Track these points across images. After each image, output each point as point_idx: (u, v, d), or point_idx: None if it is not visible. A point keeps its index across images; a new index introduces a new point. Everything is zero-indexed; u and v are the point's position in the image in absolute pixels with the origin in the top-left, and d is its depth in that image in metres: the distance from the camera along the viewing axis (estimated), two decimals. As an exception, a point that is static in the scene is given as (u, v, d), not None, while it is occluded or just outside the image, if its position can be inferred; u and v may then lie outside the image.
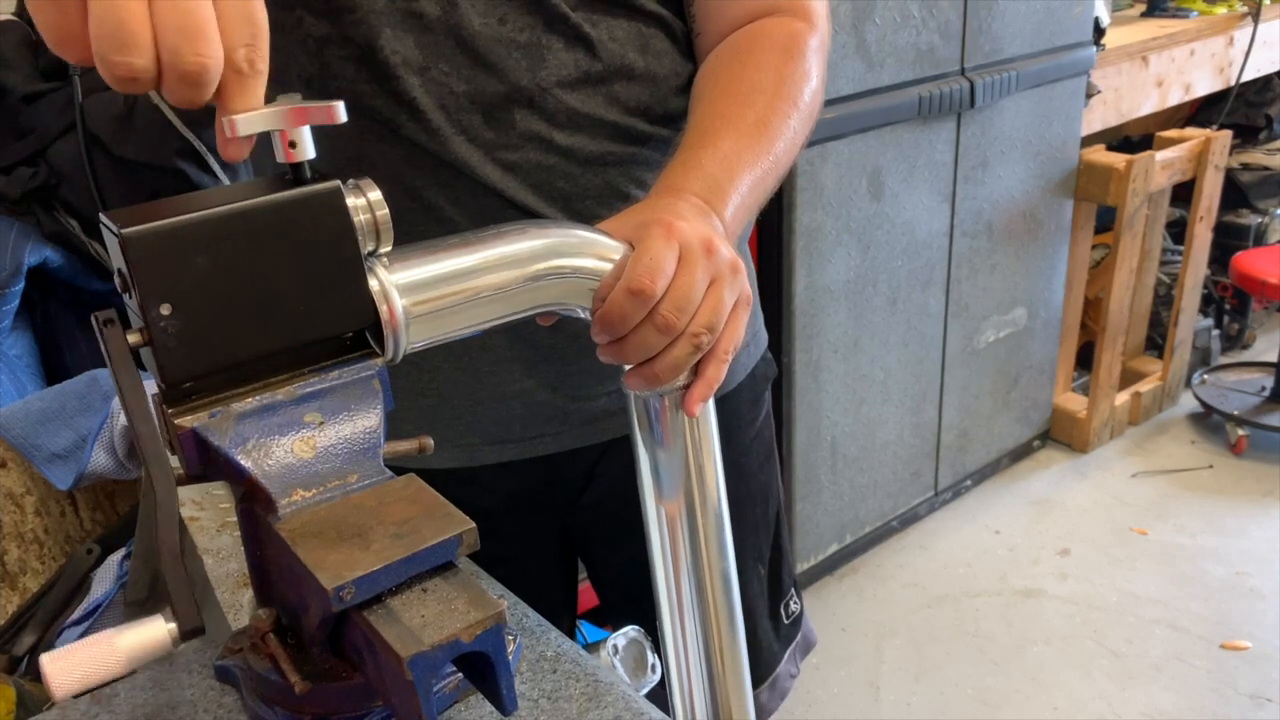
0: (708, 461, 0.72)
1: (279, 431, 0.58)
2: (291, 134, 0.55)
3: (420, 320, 0.57)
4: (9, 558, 1.12)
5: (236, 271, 0.56)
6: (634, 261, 0.61)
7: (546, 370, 0.88)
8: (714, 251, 0.63)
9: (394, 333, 0.56)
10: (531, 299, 0.61)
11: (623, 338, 0.63)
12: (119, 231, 0.53)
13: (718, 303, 0.63)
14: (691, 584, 0.73)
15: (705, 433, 0.71)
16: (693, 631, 0.75)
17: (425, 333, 0.57)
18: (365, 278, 0.61)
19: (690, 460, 0.71)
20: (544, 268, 0.60)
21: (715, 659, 0.75)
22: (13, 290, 1.26)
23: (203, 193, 0.58)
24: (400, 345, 0.57)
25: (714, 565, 0.73)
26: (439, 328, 0.58)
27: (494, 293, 0.59)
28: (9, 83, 1.33)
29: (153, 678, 0.69)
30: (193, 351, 0.56)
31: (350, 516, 0.54)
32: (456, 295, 0.58)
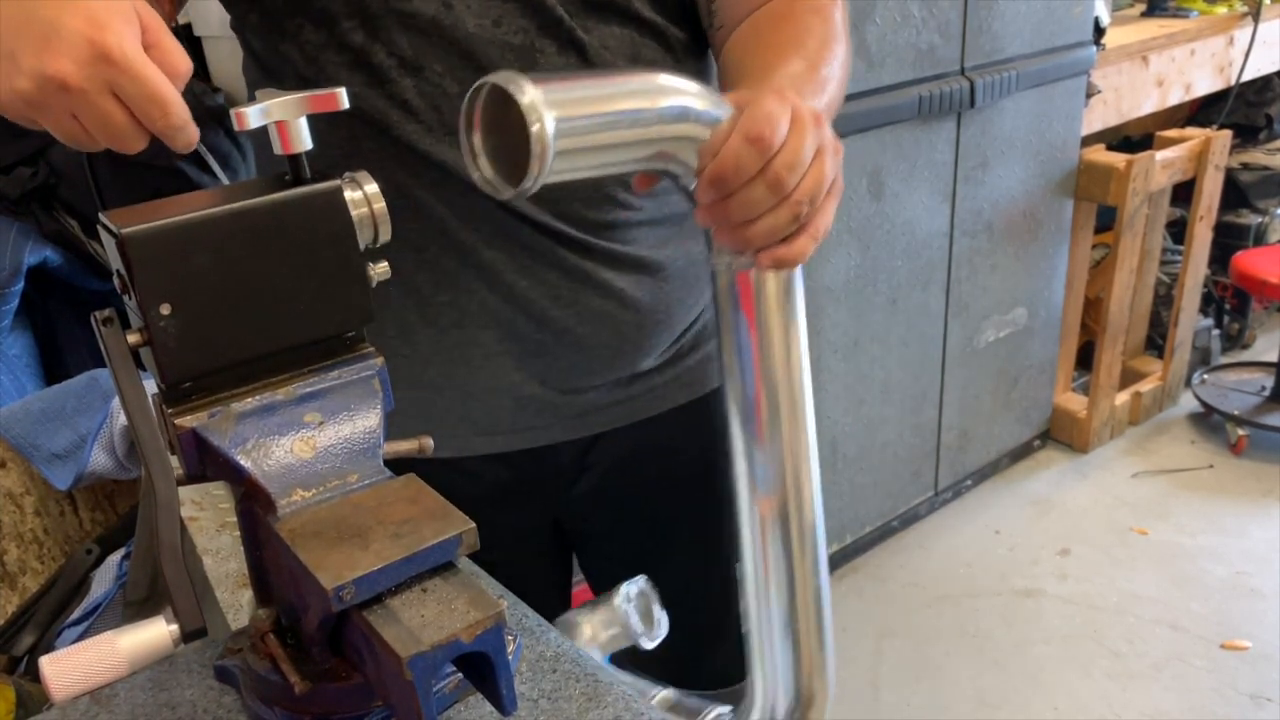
0: (794, 343, 0.69)
1: (279, 431, 0.58)
2: (290, 125, 0.55)
3: (564, 142, 0.55)
4: (9, 558, 1.12)
5: (236, 271, 0.56)
6: (751, 113, 0.60)
7: (535, 364, 0.88)
8: (822, 123, 0.63)
9: (541, 154, 0.54)
10: (655, 137, 0.60)
11: (728, 196, 0.62)
12: (118, 231, 0.53)
13: (821, 173, 0.63)
14: (774, 467, 0.71)
15: (794, 313, 0.69)
16: (775, 532, 0.72)
17: (563, 164, 0.56)
18: (366, 277, 0.61)
19: (775, 347, 0.69)
20: (672, 104, 0.59)
21: (795, 564, 0.72)
22: (13, 290, 1.26)
23: (203, 193, 0.58)
24: (545, 168, 0.54)
25: (800, 450, 0.71)
26: (576, 161, 0.56)
27: (628, 121, 0.57)
28: (9, 83, 1.33)
29: (153, 678, 0.69)
30: (193, 351, 0.56)
31: (350, 516, 0.54)
32: (597, 124, 0.56)
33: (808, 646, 0.69)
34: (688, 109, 0.59)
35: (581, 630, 0.83)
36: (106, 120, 0.55)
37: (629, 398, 0.95)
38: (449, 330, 0.86)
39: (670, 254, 0.89)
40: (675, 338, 0.94)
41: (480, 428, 0.92)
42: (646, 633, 0.81)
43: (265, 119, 0.54)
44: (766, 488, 0.70)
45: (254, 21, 0.82)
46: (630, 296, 0.87)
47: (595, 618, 0.84)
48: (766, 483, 0.70)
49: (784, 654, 0.69)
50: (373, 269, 0.62)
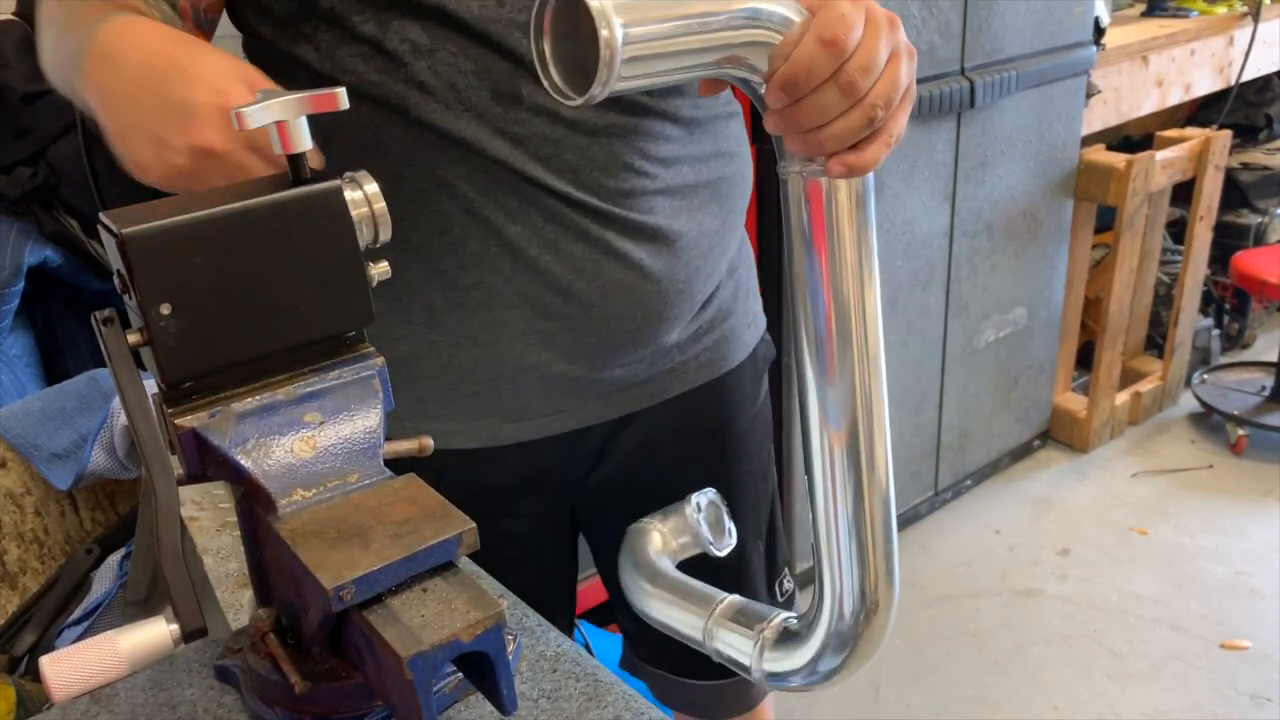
0: (868, 256, 0.67)
1: (279, 431, 0.58)
2: (290, 125, 0.55)
3: (632, 49, 0.54)
4: (9, 558, 1.12)
5: (236, 271, 0.56)
6: (824, 14, 0.59)
7: (562, 341, 0.88)
8: (897, 26, 0.62)
9: (610, 60, 0.53)
10: (725, 43, 0.58)
11: (799, 100, 0.60)
12: (118, 232, 0.53)
13: (895, 77, 0.61)
14: (845, 389, 0.69)
15: (867, 224, 0.67)
16: (842, 459, 0.70)
17: (632, 70, 0.55)
18: (366, 277, 0.61)
19: (846, 257, 0.66)
20: (743, 7, 0.57)
21: (864, 490, 0.70)
22: (13, 290, 1.26)
23: (202, 193, 0.58)
24: (613, 75, 0.53)
25: (872, 368, 0.70)
26: (645, 68, 0.55)
27: (698, 25, 0.56)
28: (9, 83, 1.33)
29: (153, 678, 0.69)
30: (193, 351, 0.56)
31: (350, 516, 0.54)
32: (666, 27, 0.55)
33: (874, 555, 0.70)
34: (758, 11, 0.58)
35: (651, 537, 0.83)
36: (251, 171, 0.61)
37: (651, 376, 0.95)
38: (476, 311, 0.86)
39: (685, 224, 0.90)
40: (695, 310, 0.95)
41: (509, 414, 0.92)
42: (716, 542, 0.82)
43: (265, 119, 0.54)
44: (838, 414, 0.69)
45: (266, 33, 0.83)
46: (649, 267, 0.88)
47: (666, 525, 0.84)
48: (837, 407, 0.69)
49: (850, 562, 0.70)
50: (373, 269, 0.62)
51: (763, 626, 0.74)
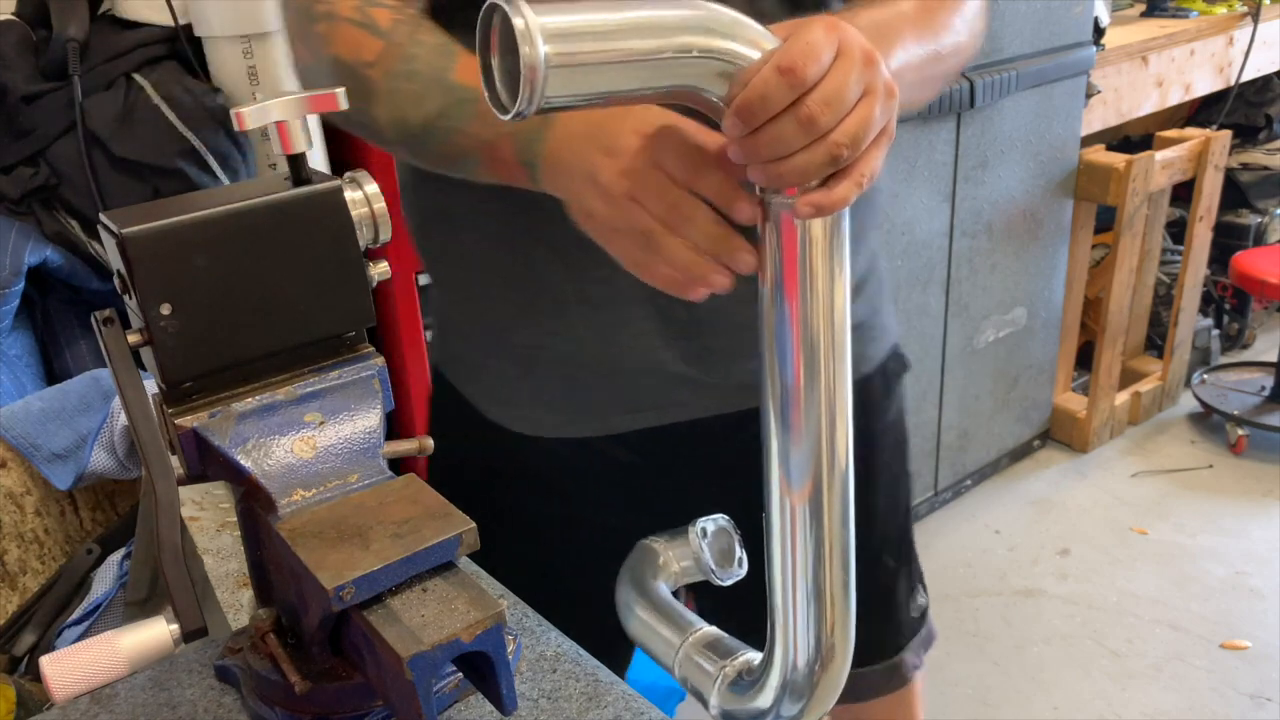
0: (839, 299, 0.63)
1: (279, 431, 0.58)
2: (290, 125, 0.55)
3: (559, 72, 0.52)
4: (9, 558, 1.12)
5: (236, 271, 0.56)
6: (790, 42, 0.56)
7: (685, 343, 0.87)
8: (874, 63, 0.58)
9: (532, 81, 0.51)
10: (670, 75, 0.56)
11: (757, 130, 0.57)
12: (119, 232, 0.53)
13: (867, 117, 0.57)
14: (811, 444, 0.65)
15: (840, 270, 0.62)
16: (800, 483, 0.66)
17: (561, 87, 0.53)
18: (366, 277, 0.61)
19: (819, 298, 0.62)
20: (690, 41, 0.55)
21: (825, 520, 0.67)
22: (13, 290, 1.26)
23: (203, 193, 0.58)
24: (535, 96, 0.52)
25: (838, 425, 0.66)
26: (574, 85, 0.53)
27: (636, 58, 0.54)
28: (9, 83, 1.33)
29: (153, 678, 0.69)
30: (193, 351, 0.56)
31: (350, 516, 0.54)
32: (598, 53, 0.53)
33: (830, 609, 0.69)
34: (710, 49, 0.56)
35: (656, 557, 0.83)
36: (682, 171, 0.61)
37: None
38: (603, 306, 0.85)
39: None
40: None
41: (626, 406, 0.92)
42: (720, 570, 0.81)
43: (265, 119, 0.54)
44: (801, 471, 0.65)
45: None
46: None
47: (673, 547, 0.84)
48: (800, 465, 0.65)
49: (806, 615, 0.69)
50: (373, 269, 0.62)
51: (724, 664, 0.74)
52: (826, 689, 0.71)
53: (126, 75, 1.35)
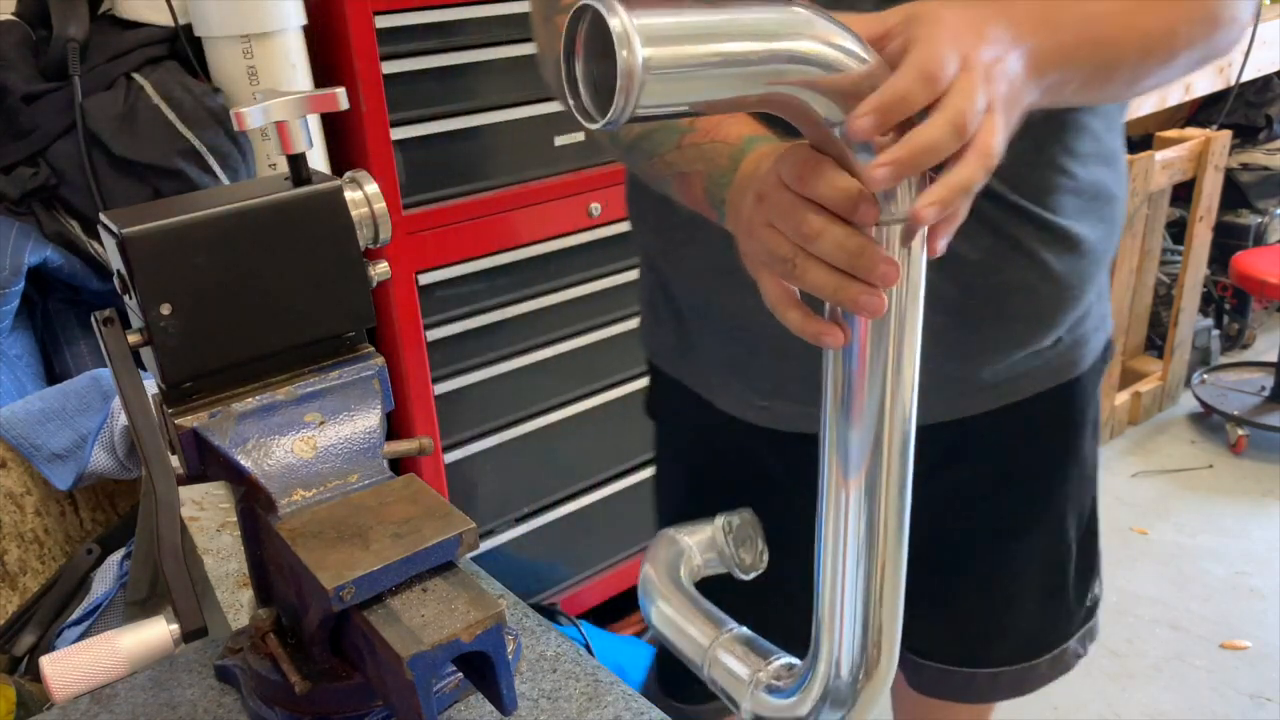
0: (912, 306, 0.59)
1: (279, 431, 0.58)
2: (290, 126, 0.55)
3: (658, 78, 0.48)
4: (9, 558, 1.12)
5: (236, 271, 0.56)
6: (920, 50, 0.53)
7: (948, 335, 0.83)
8: (994, 80, 0.54)
9: (628, 88, 0.47)
10: (773, 80, 0.52)
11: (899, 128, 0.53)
12: (119, 232, 0.53)
13: (992, 129, 0.54)
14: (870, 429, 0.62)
15: (917, 277, 0.59)
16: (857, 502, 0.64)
17: (658, 95, 0.49)
18: (366, 277, 0.61)
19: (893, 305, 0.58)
20: (794, 47, 0.52)
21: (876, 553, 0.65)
22: (13, 290, 1.26)
23: (203, 193, 0.58)
24: (630, 103, 0.48)
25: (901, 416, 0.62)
26: (671, 93, 0.50)
27: (738, 63, 0.51)
28: (9, 83, 1.33)
29: (153, 678, 0.69)
30: (193, 351, 0.56)
31: (350, 516, 0.54)
32: (698, 58, 0.49)
33: (878, 613, 0.66)
34: (815, 48, 0.52)
35: (678, 548, 0.81)
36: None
37: (1010, 378, 0.90)
38: None
39: (1088, 227, 0.86)
40: (1076, 317, 0.91)
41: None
42: (742, 565, 0.79)
43: (266, 119, 0.54)
44: (857, 458, 0.63)
45: None
46: (1053, 268, 0.84)
47: (694, 538, 0.82)
48: (859, 450, 0.62)
49: (854, 618, 0.66)
50: (373, 269, 0.62)
51: (760, 667, 0.71)
52: (869, 697, 0.68)
53: (126, 75, 1.35)
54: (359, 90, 1.46)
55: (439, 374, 1.70)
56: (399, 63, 1.51)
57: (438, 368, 1.70)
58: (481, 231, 1.66)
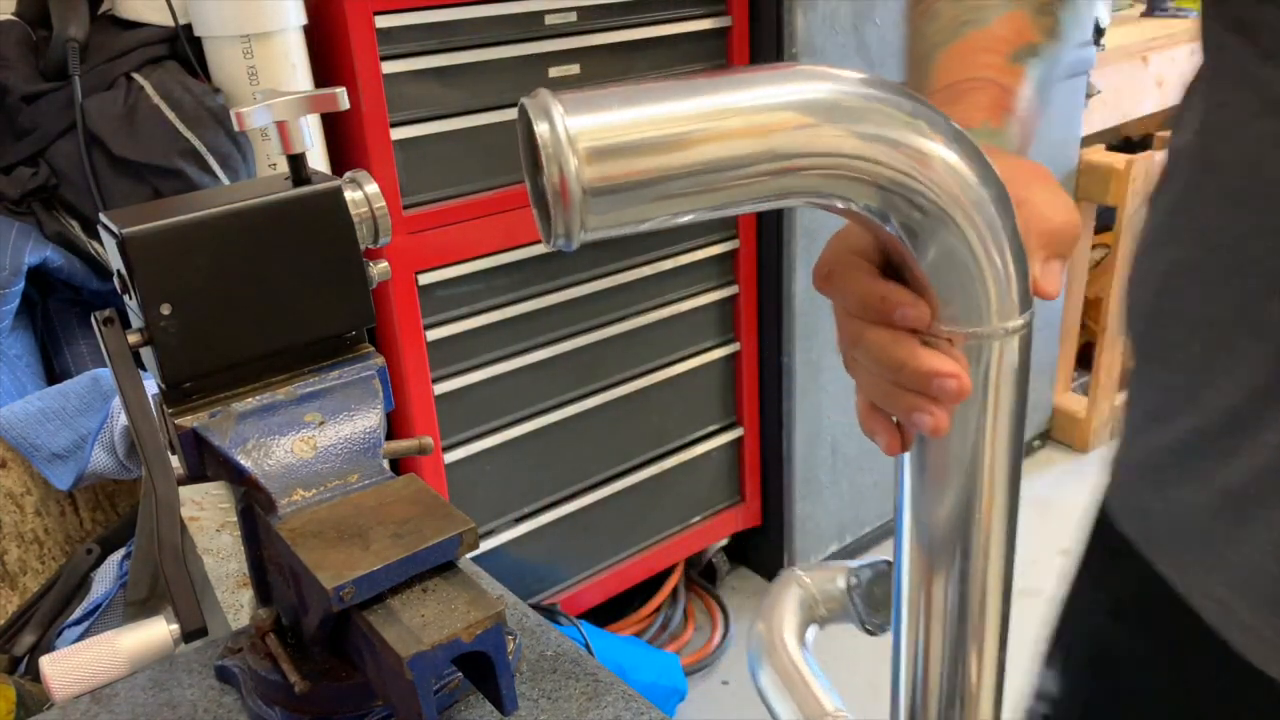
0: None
1: (279, 431, 0.58)
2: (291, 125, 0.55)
3: (606, 198, 0.36)
4: (9, 558, 1.12)
5: (236, 271, 0.56)
6: (1054, 195, 0.47)
7: None
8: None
9: (565, 212, 0.36)
10: (791, 192, 0.39)
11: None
12: (119, 232, 0.53)
13: None
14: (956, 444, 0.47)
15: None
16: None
17: (610, 220, 0.37)
18: (366, 277, 0.61)
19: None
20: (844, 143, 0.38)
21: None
22: (13, 290, 1.26)
23: (203, 193, 0.58)
24: (572, 234, 0.36)
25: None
26: (632, 214, 0.37)
27: (734, 171, 0.37)
28: (9, 83, 1.33)
29: (153, 678, 0.69)
30: (193, 351, 0.56)
31: (350, 516, 0.54)
32: (672, 169, 0.36)
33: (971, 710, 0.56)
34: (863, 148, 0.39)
35: (801, 592, 0.72)
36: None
37: None
38: None
39: None
40: None
41: None
42: (870, 619, 0.71)
43: (265, 119, 0.54)
44: (939, 518, 0.49)
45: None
46: None
47: (816, 584, 0.72)
48: (939, 512, 0.49)
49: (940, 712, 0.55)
50: (373, 269, 0.62)
51: None
52: None
53: (126, 75, 1.35)
54: (359, 90, 1.46)
55: (439, 374, 1.70)
56: (399, 63, 1.51)
57: (438, 368, 1.70)
58: (481, 231, 1.66)
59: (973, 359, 0.44)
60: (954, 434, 0.45)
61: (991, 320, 0.43)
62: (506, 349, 1.78)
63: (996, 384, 0.45)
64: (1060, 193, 0.47)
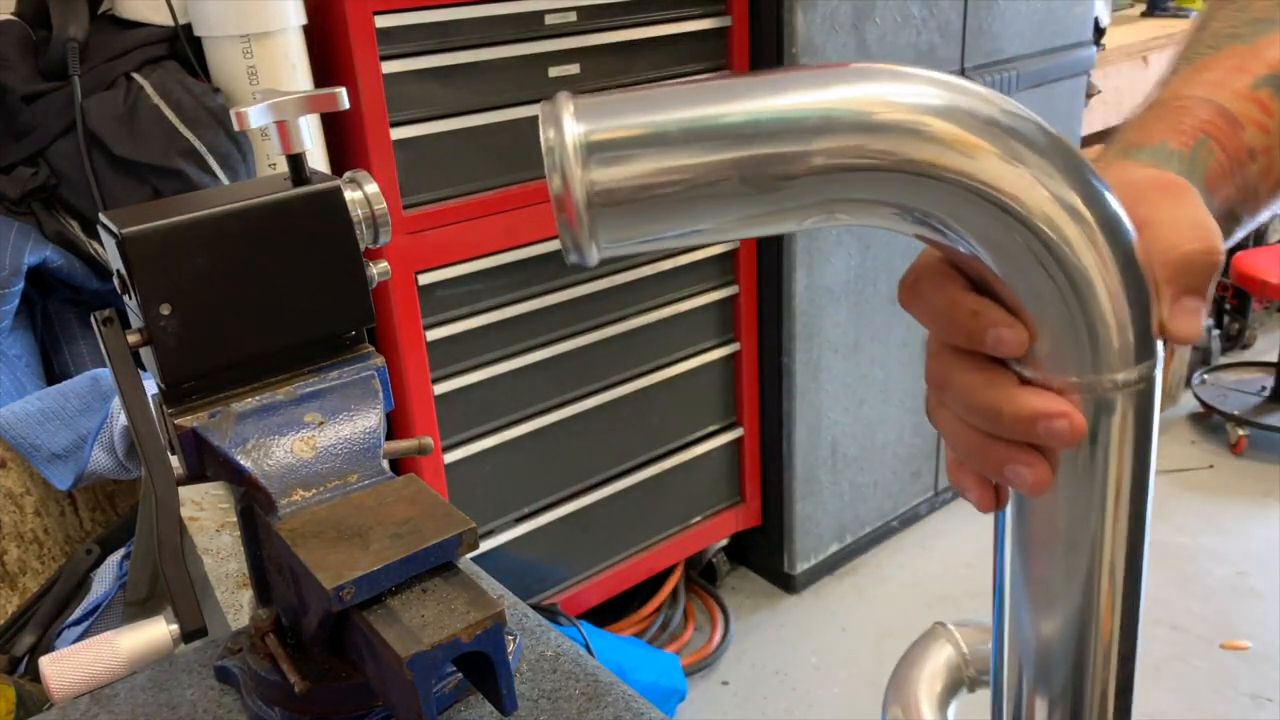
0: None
1: (279, 431, 0.58)
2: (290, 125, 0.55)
3: (623, 211, 0.32)
4: (9, 558, 1.12)
5: (236, 271, 0.56)
6: (1193, 223, 0.39)
7: None
8: None
9: (573, 227, 0.32)
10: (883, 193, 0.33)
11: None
12: (119, 232, 0.53)
13: None
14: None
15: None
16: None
17: (626, 231, 0.32)
18: (366, 277, 0.61)
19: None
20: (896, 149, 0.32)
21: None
22: (13, 290, 1.26)
23: (203, 192, 0.58)
24: (583, 249, 0.33)
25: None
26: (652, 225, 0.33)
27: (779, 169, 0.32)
28: (9, 83, 1.33)
29: (153, 678, 0.69)
30: (193, 351, 0.56)
31: (350, 516, 0.54)
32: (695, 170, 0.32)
33: None
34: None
35: (949, 649, 0.65)
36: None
37: None
38: None
39: None
40: None
41: None
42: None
43: (265, 119, 0.54)
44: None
45: None
46: None
47: (974, 644, 0.64)
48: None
49: None
50: (373, 269, 0.62)
51: None
52: None
53: (126, 75, 1.35)
54: (359, 90, 1.46)
55: (439, 374, 1.70)
56: (399, 63, 1.51)
57: (438, 368, 1.70)
58: (481, 231, 1.66)
59: None
60: (1057, 511, 0.39)
61: (1097, 370, 0.35)
62: (506, 349, 1.78)
63: (1105, 452, 0.37)
64: (1196, 211, 0.39)
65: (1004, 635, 0.43)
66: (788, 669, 2.16)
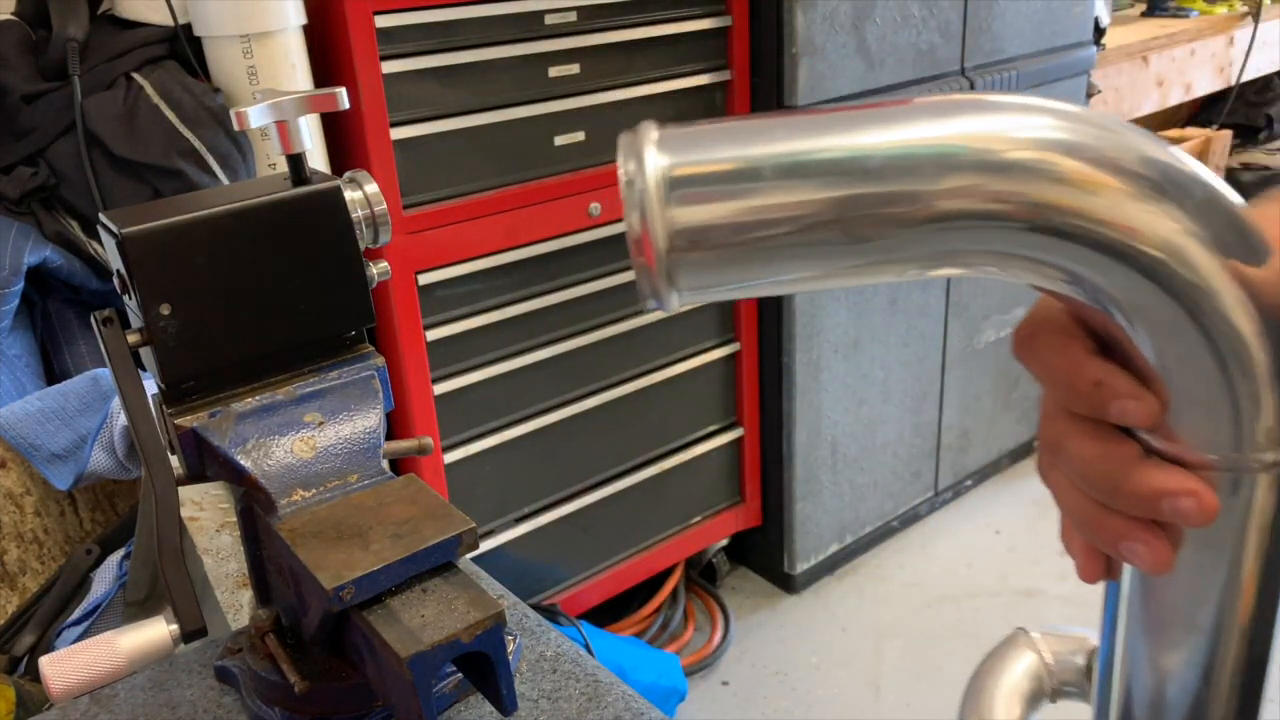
0: None
1: (279, 431, 0.58)
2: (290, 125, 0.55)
3: (709, 258, 0.29)
4: (9, 558, 1.12)
5: (236, 271, 0.56)
6: None
7: None
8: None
9: (652, 272, 0.29)
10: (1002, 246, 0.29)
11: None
12: (118, 232, 0.53)
13: None
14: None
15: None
16: None
17: (711, 278, 0.30)
18: (366, 277, 0.61)
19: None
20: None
21: None
22: (13, 290, 1.26)
23: (203, 192, 0.58)
24: (665, 301, 0.30)
25: None
26: (742, 272, 0.30)
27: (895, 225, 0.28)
28: (9, 83, 1.33)
29: (153, 678, 0.69)
30: (192, 351, 0.56)
31: (350, 516, 0.54)
32: (793, 211, 0.28)
33: None
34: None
35: (1031, 658, 0.63)
36: None
37: None
38: None
39: None
40: None
41: None
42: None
43: (265, 119, 0.55)
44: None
45: None
46: None
47: (1058, 654, 0.62)
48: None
49: None
50: (373, 269, 0.62)
51: None
52: None
53: (126, 75, 1.35)
54: (359, 90, 1.46)
55: (439, 374, 1.70)
56: (399, 63, 1.51)
57: (438, 368, 1.70)
58: (481, 231, 1.66)
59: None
60: (1178, 590, 0.35)
61: (1239, 448, 0.31)
62: (506, 349, 1.78)
63: (1239, 534, 0.33)
64: None
65: (1110, 702, 0.40)
66: (788, 669, 2.16)
